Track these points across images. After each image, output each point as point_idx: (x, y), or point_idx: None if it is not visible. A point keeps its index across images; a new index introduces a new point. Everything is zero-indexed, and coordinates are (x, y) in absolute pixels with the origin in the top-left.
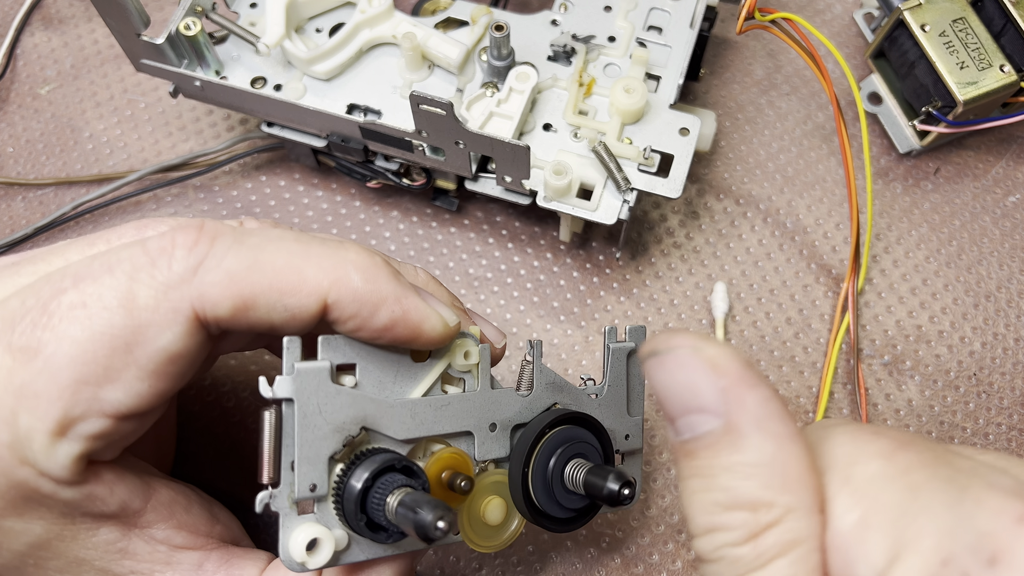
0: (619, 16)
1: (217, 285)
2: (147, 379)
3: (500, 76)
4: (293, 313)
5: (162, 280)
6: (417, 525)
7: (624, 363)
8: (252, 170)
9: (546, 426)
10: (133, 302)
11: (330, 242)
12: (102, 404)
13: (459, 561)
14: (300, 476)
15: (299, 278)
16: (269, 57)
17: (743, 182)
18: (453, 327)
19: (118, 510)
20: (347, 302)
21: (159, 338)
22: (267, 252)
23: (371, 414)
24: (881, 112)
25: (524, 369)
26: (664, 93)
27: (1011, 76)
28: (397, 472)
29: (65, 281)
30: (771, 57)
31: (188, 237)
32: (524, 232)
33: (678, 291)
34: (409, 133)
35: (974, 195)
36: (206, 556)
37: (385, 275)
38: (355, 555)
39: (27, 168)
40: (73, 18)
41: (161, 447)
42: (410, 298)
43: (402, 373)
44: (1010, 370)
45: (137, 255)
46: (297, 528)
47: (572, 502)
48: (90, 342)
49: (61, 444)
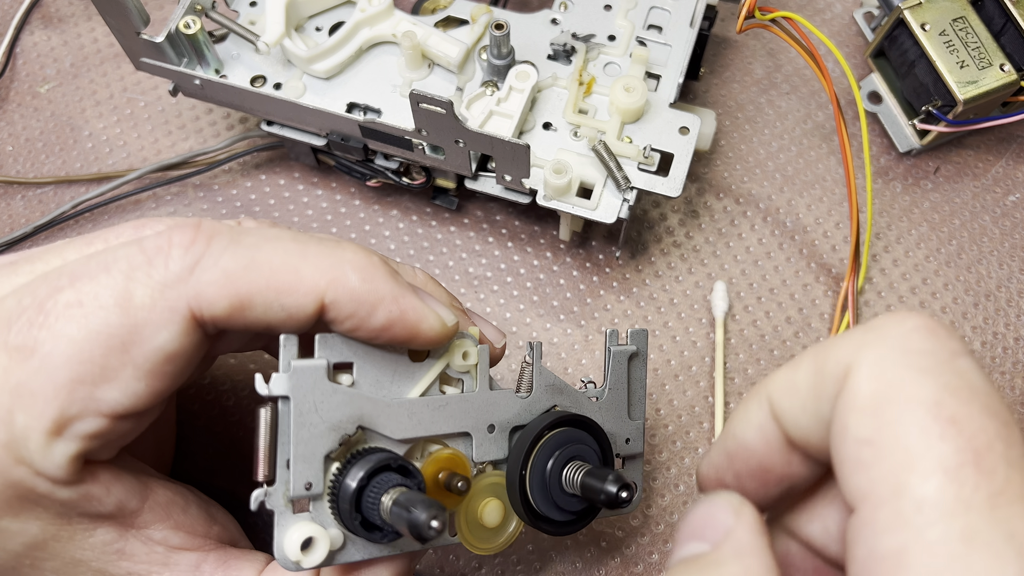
0: (619, 15)
1: (214, 284)
2: (144, 378)
3: (500, 75)
4: (290, 313)
5: (158, 279)
6: (411, 524)
7: (625, 366)
8: (252, 169)
9: (544, 428)
10: (129, 301)
11: (327, 242)
12: (98, 403)
13: (459, 560)
14: (295, 474)
15: (296, 278)
16: (269, 56)
17: (743, 181)
18: (451, 327)
19: (115, 510)
20: (344, 301)
21: (156, 337)
22: (264, 251)
23: (368, 413)
24: (881, 111)
25: (523, 371)
26: (664, 92)
27: (1011, 75)
28: (393, 471)
29: (62, 280)
30: (771, 56)
31: (185, 236)
32: (524, 231)
33: (678, 290)
34: (409, 132)
35: (974, 194)
36: (204, 557)
37: (383, 275)
38: (351, 555)
39: (26, 167)
40: (73, 17)
41: (160, 447)
42: (408, 298)
43: (400, 373)
44: (1010, 369)
45: (134, 254)
46: (292, 527)
47: (570, 504)
48: (86, 341)
49: (57, 443)
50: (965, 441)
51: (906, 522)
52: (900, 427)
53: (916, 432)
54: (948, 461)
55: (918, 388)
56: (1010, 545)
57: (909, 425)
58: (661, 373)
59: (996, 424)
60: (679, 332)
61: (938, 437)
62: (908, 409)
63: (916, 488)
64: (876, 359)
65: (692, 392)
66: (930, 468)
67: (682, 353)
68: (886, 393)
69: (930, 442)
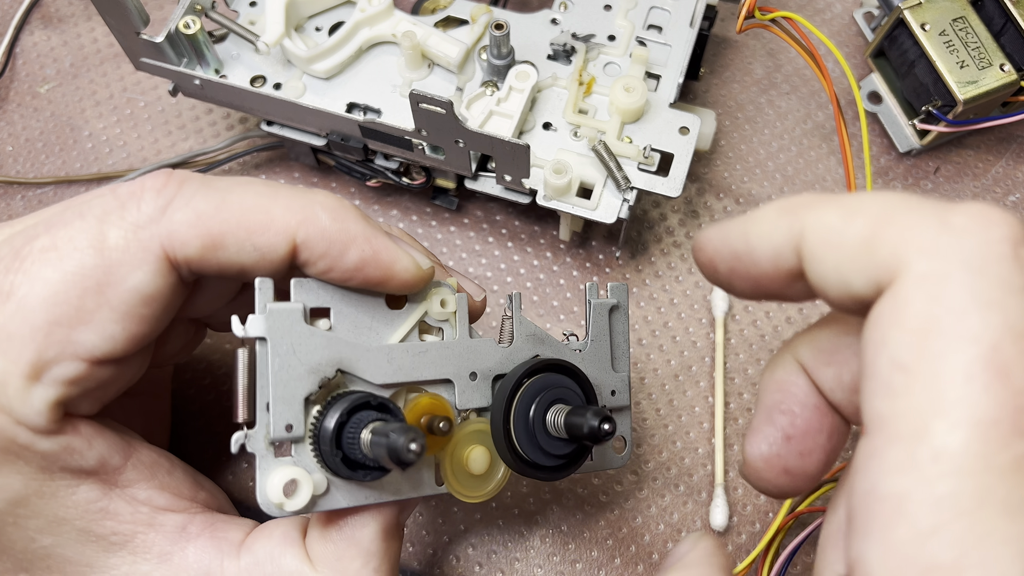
0: (619, 15)
1: (185, 224)
2: (120, 321)
3: (500, 75)
4: (262, 253)
5: (131, 220)
6: (390, 449)
7: (606, 319)
8: (252, 169)
9: (525, 373)
10: (104, 243)
11: (299, 188)
12: (76, 347)
13: (458, 560)
14: (275, 416)
15: (267, 217)
16: (269, 56)
17: (743, 181)
18: (427, 270)
19: (97, 465)
20: (316, 241)
21: (130, 277)
22: (235, 193)
23: (347, 357)
24: (881, 111)
25: (504, 323)
26: (664, 92)
27: (1011, 75)
28: (372, 409)
29: (37, 228)
30: (771, 56)
31: (157, 181)
32: (524, 231)
33: (678, 290)
34: (409, 132)
35: (974, 194)
36: (190, 519)
37: (354, 216)
38: (335, 501)
39: (26, 167)
40: (72, 17)
41: (153, 428)
42: (380, 238)
43: (378, 319)
44: None
45: (107, 200)
46: (274, 470)
47: (557, 448)
48: (62, 283)
49: (36, 388)
50: (1010, 396)
51: (918, 468)
52: (944, 363)
53: (960, 374)
54: (984, 415)
55: (979, 323)
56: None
57: (955, 364)
58: (661, 373)
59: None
60: (679, 332)
61: (983, 387)
62: (960, 346)
63: (939, 436)
64: (941, 272)
65: (692, 392)
66: (962, 418)
67: (682, 353)
68: (941, 319)
69: (972, 389)
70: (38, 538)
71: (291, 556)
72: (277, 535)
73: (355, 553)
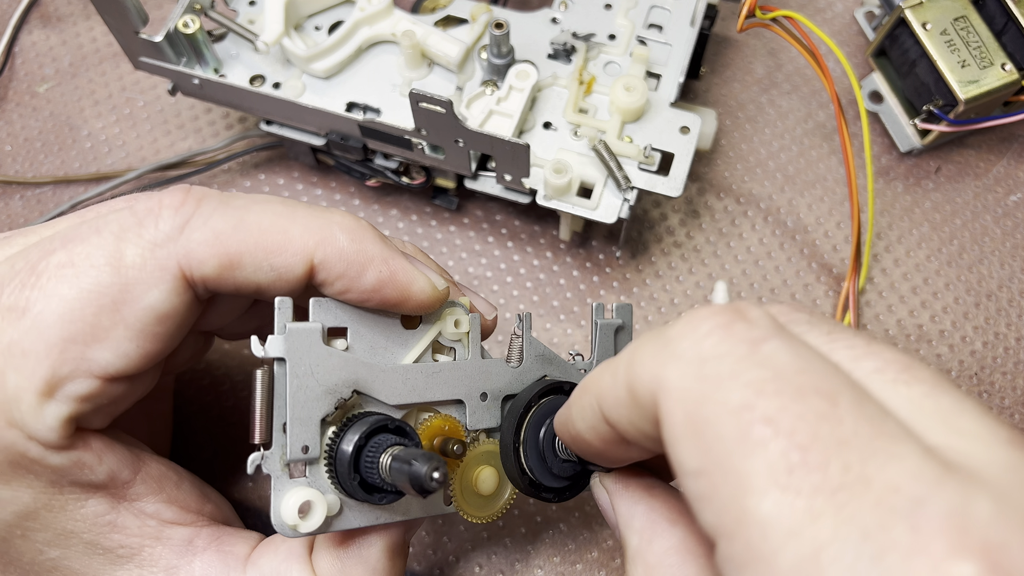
0: (619, 14)
1: (203, 243)
2: (135, 339)
3: (500, 74)
4: (279, 273)
5: (149, 239)
6: (412, 477)
7: (612, 339)
8: (251, 168)
9: (536, 395)
10: (120, 260)
11: (317, 206)
12: (90, 364)
13: (458, 561)
14: (292, 437)
15: (285, 238)
16: (268, 55)
17: (743, 181)
18: (442, 291)
19: (107, 480)
20: (334, 262)
21: (146, 296)
22: (253, 213)
23: (363, 377)
24: (882, 111)
25: (513, 342)
26: (664, 91)
27: (1012, 75)
28: (390, 432)
29: (54, 243)
30: (772, 55)
31: (175, 199)
32: (524, 231)
33: (678, 290)
34: (408, 131)
35: (975, 194)
36: (196, 532)
37: (371, 237)
38: (348, 521)
39: (25, 167)
40: (71, 16)
41: (155, 430)
42: (398, 259)
43: (393, 339)
44: (1011, 369)
45: (125, 217)
46: (289, 491)
47: (565, 470)
48: (78, 300)
49: (49, 405)
50: (786, 440)
51: (757, 553)
52: (721, 447)
53: (737, 447)
54: (777, 469)
55: (724, 398)
56: (866, 545)
57: (728, 442)
58: None
59: (814, 406)
60: None
61: (758, 445)
62: (721, 425)
63: (755, 511)
64: (677, 380)
65: None
66: (762, 484)
67: None
68: (697, 414)
69: (753, 454)
70: (46, 551)
71: (297, 572)
72: (283, 550)
73: (362, 571)
